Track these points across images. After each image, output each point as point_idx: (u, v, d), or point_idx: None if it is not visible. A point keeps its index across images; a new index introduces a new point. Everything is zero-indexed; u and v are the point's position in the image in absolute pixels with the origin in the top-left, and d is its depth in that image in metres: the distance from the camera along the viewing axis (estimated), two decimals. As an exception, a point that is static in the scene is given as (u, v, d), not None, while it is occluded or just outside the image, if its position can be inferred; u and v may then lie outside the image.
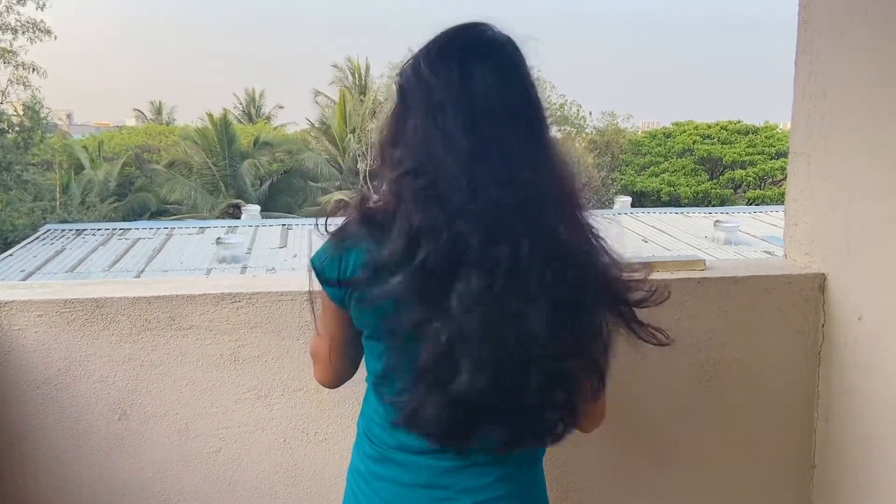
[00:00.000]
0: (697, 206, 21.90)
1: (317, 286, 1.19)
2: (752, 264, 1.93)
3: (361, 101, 25.79)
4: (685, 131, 26.29)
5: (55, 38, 21.13)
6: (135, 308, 1.69)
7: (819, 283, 1.85)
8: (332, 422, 1.77)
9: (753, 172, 24.37)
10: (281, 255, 13.19)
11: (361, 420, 1.31)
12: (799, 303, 1.86)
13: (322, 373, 1.36)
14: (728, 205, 22.71)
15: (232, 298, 1.71)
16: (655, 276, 1.83)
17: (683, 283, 1.82)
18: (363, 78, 27.86)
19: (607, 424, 1.85)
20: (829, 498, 1.92)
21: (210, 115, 24.89)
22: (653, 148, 26.43)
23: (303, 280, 1.22)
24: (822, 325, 1.87)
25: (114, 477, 1.75)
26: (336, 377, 1.35)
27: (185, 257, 13.03)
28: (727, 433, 1.92)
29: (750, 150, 24.82)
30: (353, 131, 25.05)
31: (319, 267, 1.17)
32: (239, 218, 19.99)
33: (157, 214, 23.69)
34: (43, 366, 1.69)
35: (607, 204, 21.79)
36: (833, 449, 1.89)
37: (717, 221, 14.39)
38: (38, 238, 14.59)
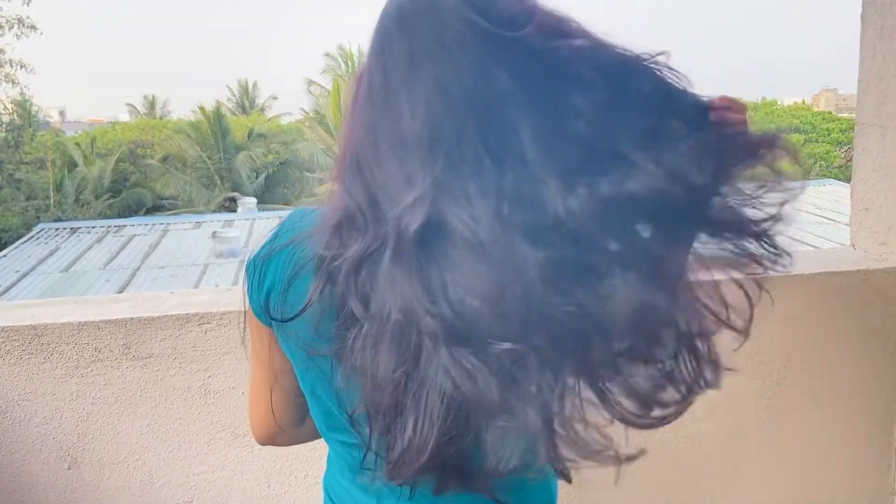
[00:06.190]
0: (699, 184, 21.60)
1: None
2: (819, 258, 1.64)
3: (356, 88, 25.38)
4: (684, 109, 25.96)
5: (41, 33, 20.77)
6: (81, 335, 1.40)
7: (901, 278, 1.56)
8: (323, 462, 1.49)
9: (755, 149, 24.11)
10: (279, 249, 12.88)
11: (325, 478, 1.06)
12: (876, 302, 1.58)
13: (252, 414, 1.02)
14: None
15: (199, 319, 1.42)
16: (705, 275, 1.54)
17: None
18: (356, 65, 27.45)
19: (653, 453, 1.58)
20: (914, 529, 1.64)
21: (202, 109, 24.54)
22: (652, 127, 26.13)
23: None
24: (905, 328, 1.58)
25: (66, 536, 1.47)
26: (265, 421, 1.02)
27: (182, 253, 12.79)
28: (793, 457, 1.64)
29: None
30: (349, 120, 24.67)
31: None
32: (235, 211, 19.68)
33: (153, 210, 23.44)
34: (-26, 408, 1.41)
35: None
36: (919, 472, 1.61)
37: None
38: (32, 238, 14.38)
